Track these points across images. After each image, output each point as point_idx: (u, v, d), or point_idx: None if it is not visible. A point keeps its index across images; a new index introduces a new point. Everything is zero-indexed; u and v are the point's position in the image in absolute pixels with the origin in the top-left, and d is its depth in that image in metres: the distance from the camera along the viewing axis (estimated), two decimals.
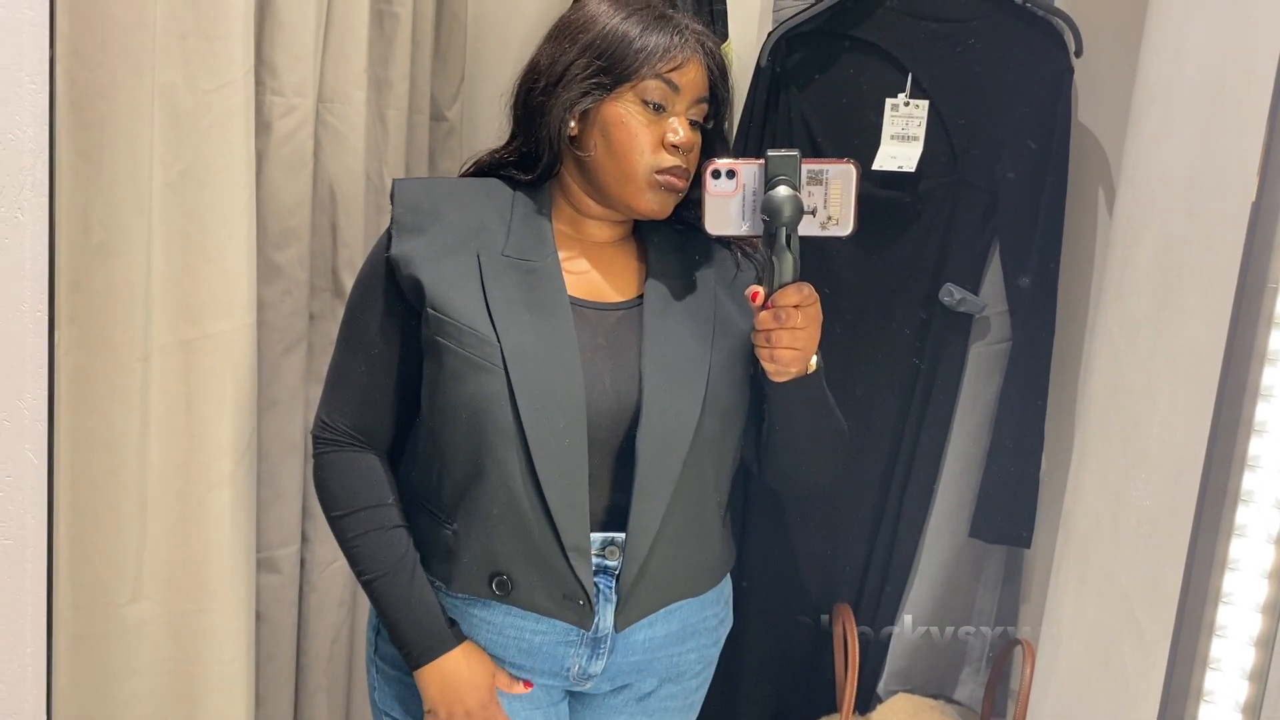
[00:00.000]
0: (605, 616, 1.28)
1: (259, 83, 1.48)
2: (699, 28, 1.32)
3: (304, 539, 1.73)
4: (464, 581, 1.28)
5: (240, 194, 1.39)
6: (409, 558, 1.29)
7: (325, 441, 1.33)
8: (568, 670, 1.31)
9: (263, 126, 1.51)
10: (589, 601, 1.24)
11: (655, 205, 1.29)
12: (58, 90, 1.19)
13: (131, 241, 1.30)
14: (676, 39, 1.27)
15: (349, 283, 1.69)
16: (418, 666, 1.27)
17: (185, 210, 1.35)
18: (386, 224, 1.74)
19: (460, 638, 1.29)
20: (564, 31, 1.31)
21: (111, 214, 1.28)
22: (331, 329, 1.70)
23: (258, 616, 1.62)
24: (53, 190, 1.13)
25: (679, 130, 1.27)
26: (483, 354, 1.23)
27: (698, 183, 1.25)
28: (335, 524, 1.31)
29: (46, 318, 1.13)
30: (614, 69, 1.26)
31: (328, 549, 1.75)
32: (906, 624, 1.89)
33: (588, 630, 1.27)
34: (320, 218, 1.65)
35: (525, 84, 1.32)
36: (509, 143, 1.36)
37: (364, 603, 1.83)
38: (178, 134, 1.33)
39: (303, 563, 1.74)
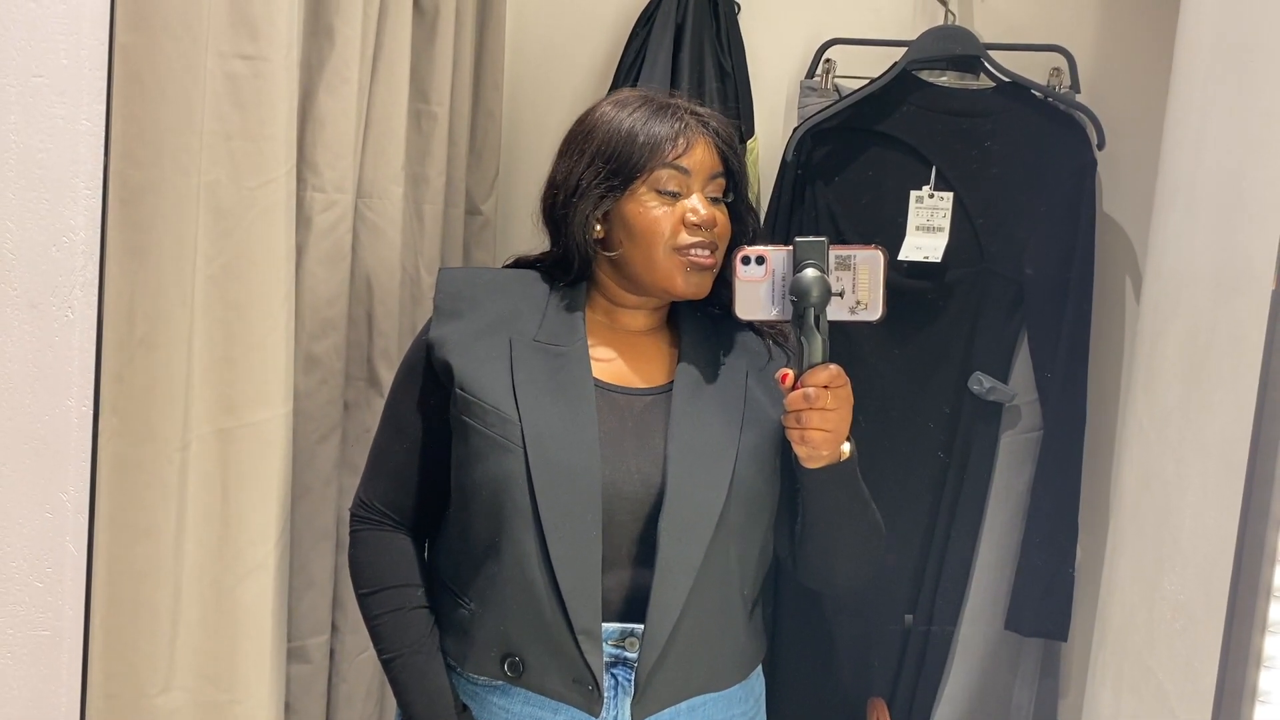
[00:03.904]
0: (623, 708, 1.26)
1: (300, 179, 1.53)
2: (699, 109, 1.36)
3: (334, 629, 1.73)
4: (477, 662, 1.28)
5: (280, 286, 1.42)
6: (427, 641, 1.31)
7: (361, 519, 1.37)
8: None
9: (303, 221, 1.55)
10: (598, 687, 1.23)
11: (692, 286, 1.32)
12: (110, 190, 1.23)
13: (174, 333, 1.33)
14: (678, 125, 1.31)
15: (384, 372, 1.72)
16: None
17: (227, 302, 1.38)
18: (422, 315, 1.79)
19: None
20: (571, 144, 1.36)
21: (155, 307, 1.31)
22: (366, 417, 1.72)
23: (286, 707, 1.61)
24: (102, 289, 1.16)
25: (699, 209, 1.30)
26: (504, 433, 1.25)
27: (730, 267, 1.28)
28: (362, 601, 1.35)
29: (91, 413, 1.15)
30: (623, 169, 1.30)
31: (357, 639, 1.75)
32: (943, 719, 1.85)
33: (596, 718, 1.26)
34: (357, 309, 1.69)
35: (547, 200, 1.38)
36: (549, 248, 1.41)
37: (392, 696, 1.82)
38: (221, 229, 1.36)
39: (332, 653, 1.74)
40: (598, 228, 1.33)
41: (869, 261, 1.18)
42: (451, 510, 1.34)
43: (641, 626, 1.24)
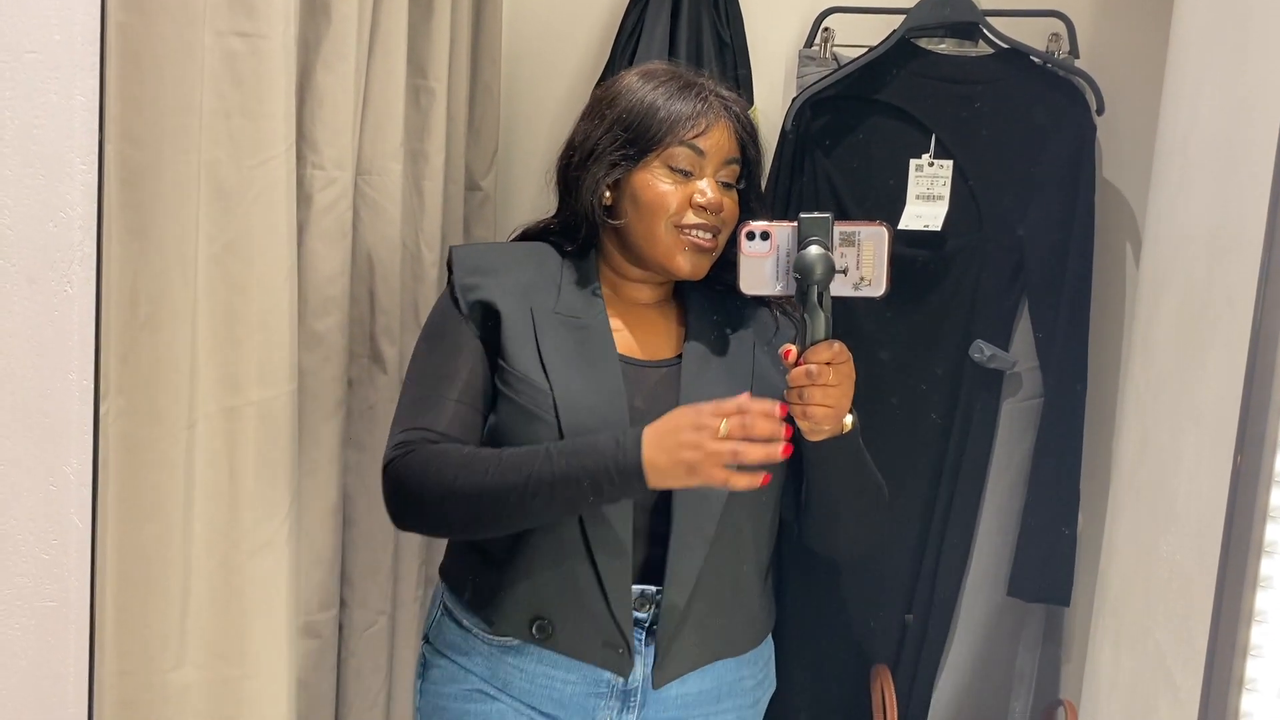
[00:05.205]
0: (636, 670, 1.29)
1: (300, 157, 1.53)
2: (725, 92, 1.36)
3: (343, 604, 1.75)
4: (505, 623, 1.30)
5: (282, 264, 1.42)
6: (541, 447, 1.22)
7: (405, 448, 1.26)
8: None
9: (304, 199, 1.55)
10: (628, 649, 1.26)
11: (688, 266, 1.32)
12: (109, 170, 1.23)
13: (178, 313, 1.34)
14: (700, 105, 1.32)
15: (387, 348, 1.73)
16: (630, 465, 1.17)
17: (229, 282, 1.39)
18: (424, 291, 1.79)
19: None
20: (595, 108, 1.37)
21: (159, 288, 1.32)
22: (370, 394, 1.73)
23: (297, 682, 1.63)
24: (100, 265, 1.17)
25: (706, 191, 1.31)
26: (536, 402, 1.26)
27: (735, 243, 1.29)
28: (446, 501, 1.21)
29: (92, 386, 1.16)
30: (640, 139, 1.31)
31: (366, 613, 1.76)
32: (947, 685, 1.87)
33: (625, 678, 1.28)
34: (359, 286, 1.69)
35: (562, 160, 1.39)
36: (555, 215, 1.41)
37: (401, 669, 1.84)
38: (223, 209, 1.37)
39: (341, 628, 1.75)
40: (606, 194, 1.34)
41: (874, 238, 1.19)
42: None
43: (653, 588, 1.27)
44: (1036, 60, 1.82)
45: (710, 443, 1.14)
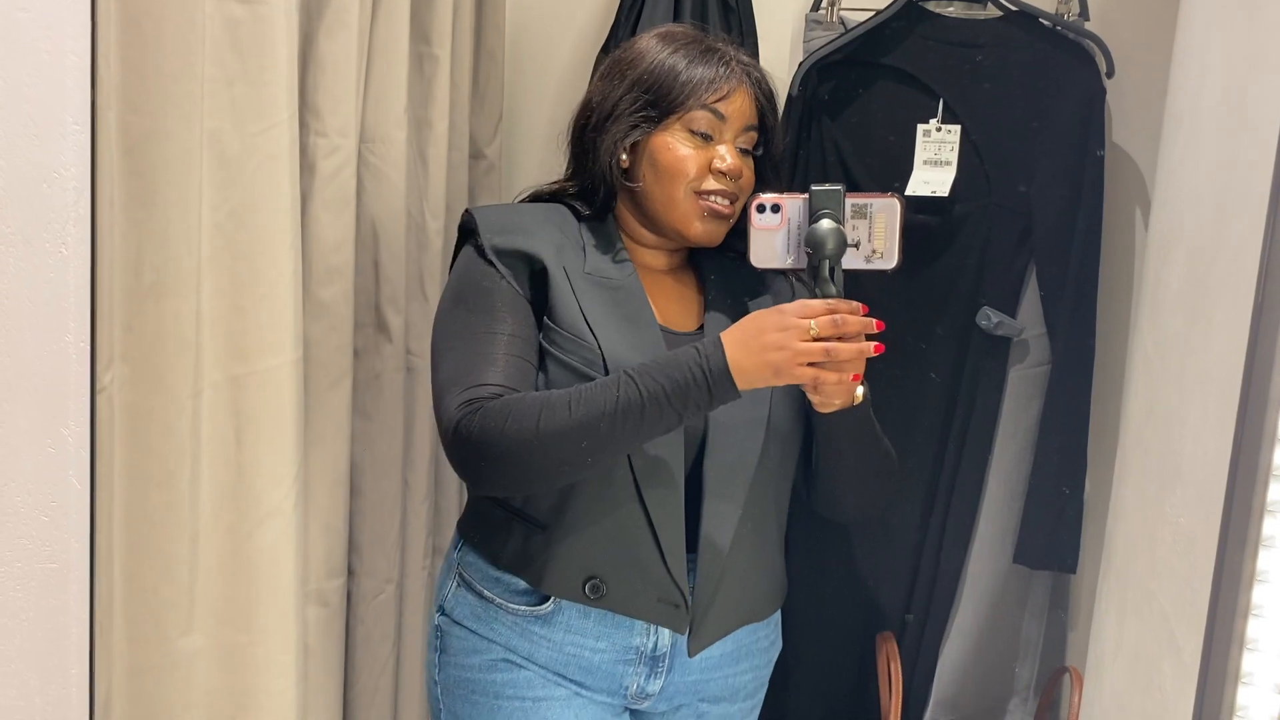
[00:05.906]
0: (664, 636, 1.31)
1: (303, 125, 1.52)
2: (746, 58, 1.35)
3: (350, 572, 1.76)
4: (554, 583, 1.28)
5: (286, 233, 1.42)
6: (614, 375, 1.20)
7: (473, 406, 1.21)
8: (626, 689, 1.33)
9: (307, 167, 1.54)
10: (685, 604, 1.26)
11: (704, 233, 1.32)
12: (112, 138, 1.23)
13: (182, 282, 1.34)
14: (722, 70, 1.31)
15: (392, 318, 1.72)
16: (718, 369, 1.16)
17: (233, 250, 1.39)
18: (429, 260, 1.79)
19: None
20: (614, 69, 1.35)
21: (163, 256, 1.32)
22: (375, 364, 1.73)
23: (305, 649, 1.64)
24: (95, 228, 1.17)
25: (726, 157, 1.30)
26: (585, 360, 1.25)
27: (746, 215, 1.28)
28: (534, 447, 1.17)
29: (89, 348, 1.17)
30: (661, 101, 1.30)
31: (374, 582, 1.77)
32: (952, 652, 1.87)
33: (683, 634, 1.29)
34: (363, 255, 1.69)
35: (579, 121, 1.37)
36: (568, 178, 1.39)
37: (409, 637, 1.85)
38: (226, 177, 1.37)
39: (349, 596, 1.76)
40: (624, 157, 1.33)
41: (886, 210, 1.18)
42: None
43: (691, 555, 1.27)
44: (1046, 23, 1.80)
45: (797, 343, 1.14)
